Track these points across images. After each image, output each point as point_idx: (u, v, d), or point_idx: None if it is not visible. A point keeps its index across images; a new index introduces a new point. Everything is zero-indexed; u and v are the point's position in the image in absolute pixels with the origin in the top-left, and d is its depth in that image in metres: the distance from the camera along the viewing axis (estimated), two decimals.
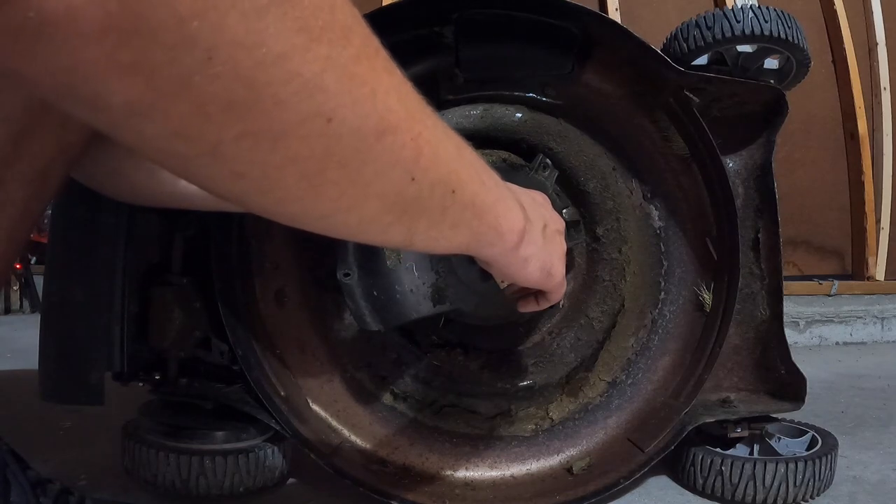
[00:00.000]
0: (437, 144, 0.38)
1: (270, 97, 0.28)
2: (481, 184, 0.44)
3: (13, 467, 0.51)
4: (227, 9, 0.26)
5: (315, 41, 0.29)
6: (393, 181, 0.35)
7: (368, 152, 0.33)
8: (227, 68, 0.26)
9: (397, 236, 0.39)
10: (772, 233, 0.85)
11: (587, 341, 0.89)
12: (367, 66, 0.32)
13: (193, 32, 0.25)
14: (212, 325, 0.81)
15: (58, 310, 0.72)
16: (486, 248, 0.48)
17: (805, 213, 2.22)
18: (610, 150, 0.86)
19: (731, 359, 0.87)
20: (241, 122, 0.28)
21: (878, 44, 2.29)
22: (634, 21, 2.12)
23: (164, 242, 0.81)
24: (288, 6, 0.27)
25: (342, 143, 0.32)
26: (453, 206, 0.41)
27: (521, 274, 0.54)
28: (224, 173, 0.31)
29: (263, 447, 0.81)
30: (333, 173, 0.32)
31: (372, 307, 0.66)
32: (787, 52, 0.82)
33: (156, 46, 0.25)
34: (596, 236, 0.87)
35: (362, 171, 0.33)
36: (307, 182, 0.32)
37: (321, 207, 0.34)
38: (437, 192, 0.39)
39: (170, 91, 0.26)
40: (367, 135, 0.32)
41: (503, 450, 0.86)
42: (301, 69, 0.29)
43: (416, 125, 0.36)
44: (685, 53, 0.82)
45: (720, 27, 0.79)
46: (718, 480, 0.80)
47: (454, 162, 0.40)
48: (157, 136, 0.28)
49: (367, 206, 0.36)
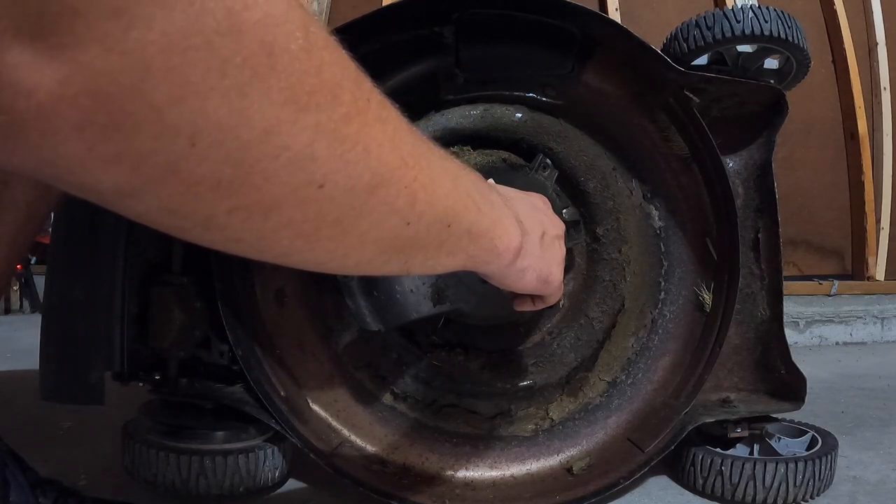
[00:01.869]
0: (432, 185, 0.37)
1: (259, 173, 0.28)
2: (477, 211, 0.44)
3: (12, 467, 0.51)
4: (207, 92, 0.25)
5: (303, 111, 0.28)
6: (388, 228, 0.35)
7: (363, 207, 0.33)
8: (212, 151, 0.26)
9: (394, 269, 0.39)
10: (772, 233, 0.85)
11: (587, 341, 0.89)
12: (359, 123, 0.31)
13: (174, 120, 0.24)
14: (212, 325, 0.81)
15: (58, 310, 0.72)
16: (483, 267, 0.49)
17: (805, 213, 2.22)
18: (610, 150, 0.86)
19: (731, 359, 0.87)
20: (231, 198, 0.28)
21: (878, 44, 2.29)
22: (634, 21, 2.12)
23: (164, 242, 0.81)
24: (272, 79, 0.26)
25: (335, 204, 0.31)
26: (449, 239, 0.41)
27: (518, 284, 0.55)
28: (220, 239, 0.31)
29: (263, 447, 0.81)
30: (328, 230, 0.32)
31: (372, 307, 0.66)
32: (787, 52, 0.82)
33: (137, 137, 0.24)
34: (596, 236, 0.87)
35: (357, 225, 0.33)
36: (303, 240, 0.32)
37: (319, 258, 0.34)
38: (433, 230, 0.39)
39: (157, 176, 0.26)
40: (360, 192, 0.32)
41: (503, 450, 0.86)
42: (289, 142, 0.28)
43: (410, 171, 0.35)
44: (685, 53, 0.82)
45: (720, 27, 0.79)
46: (718, 480, 0.80)
47: (450, 197, 0.40)
48: (150, 212, 0.28)
49: (364, 252, 0.36)
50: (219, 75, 0.25)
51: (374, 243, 0.35)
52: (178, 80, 0.24)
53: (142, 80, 0.23)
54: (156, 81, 0.23)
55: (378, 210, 0.34)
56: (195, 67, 0.24)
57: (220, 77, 0.25)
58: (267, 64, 0.26)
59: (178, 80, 0.24)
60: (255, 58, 0.25)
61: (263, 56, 0.26)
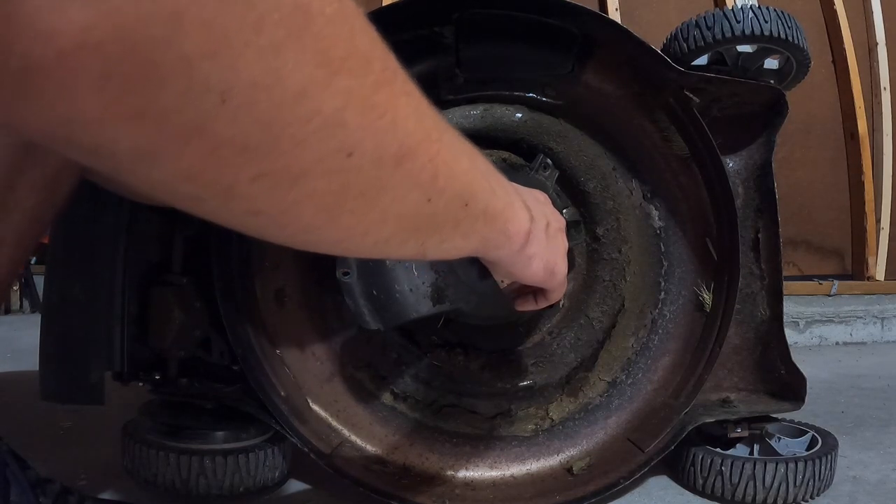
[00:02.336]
0: (452, 161, 0.37)
1: (289, 138, 0.27)
2: (491, 192, 0.43)
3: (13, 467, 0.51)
4: (242, 47, 0.23)
5: (335, 74, 0.27)
6: (410, 204, 0.35)
7: (388, 180, 0.32)
8: (242, 111, 0.25)
9: (410, 251, 0.39)
10: (772, 233, 0.85)
11: (587, 341, 0.89)
12: (387, 93, 0.31)
13: (204, 75, 0.23)
14: (212, 325, 0.81)
15: (58, 309, 0.72)
16: (493, 252, 0.48)
17: (805, 213, 2.22)
18: (610, 151, 0.86)
19: (732, 359, 0.87)
20: (257, 163, 0.27)
21: (878, 44, 2.29)
22: (634, 21, 2.12)
23: (164, 242, 0.81)
24: (307, 39, 0.26)
25: (362, 175, 0.31)
26: (466, 219, 0.41)
27: (525, 273, 0.54)
28: (238, 212, 0.29)
29: (263, 447, 0.81)
30: (351, 203, 0.32)
31: (371, 306, 0.66)
32: (787, 53, 0.82)
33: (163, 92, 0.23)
34: (596, 236, 0.87)
35: (380, 199, 0.33)
36: (325, 214, 0.31)
37: (337, 235, 0.34)
38: (451, 208, 0.39)
39: (181, 136, 0.24)
40: (387, 163, 0.32)
41: (503, 450, 0.86)
42: (321, 106, 0.27)
43: (433, 145, 0.35)
44: (685, 53, 0.82)
45: (720, 27, 0.79)
46: (718, 480, 0.80)
47: (467, 175, 0.40)
48: (166, 180, 0.26)
49: (384, 230, 0.35)
50: (254, 31, 0.24)
51: (395, 220, 0.35)
52: (211, 33, 0.22)
53: (173, 30, 0.22)
54: (188, 32, 0.22)
55: (402, 184, 0.33)
56: (231, 20, 0.23)
57: (255, 33, 0.24)
58: (302, 24, 0.25)
59: (212, 32, 0.22)
60: (292, 17, 0.25)
61: (300, 16, 0.25)
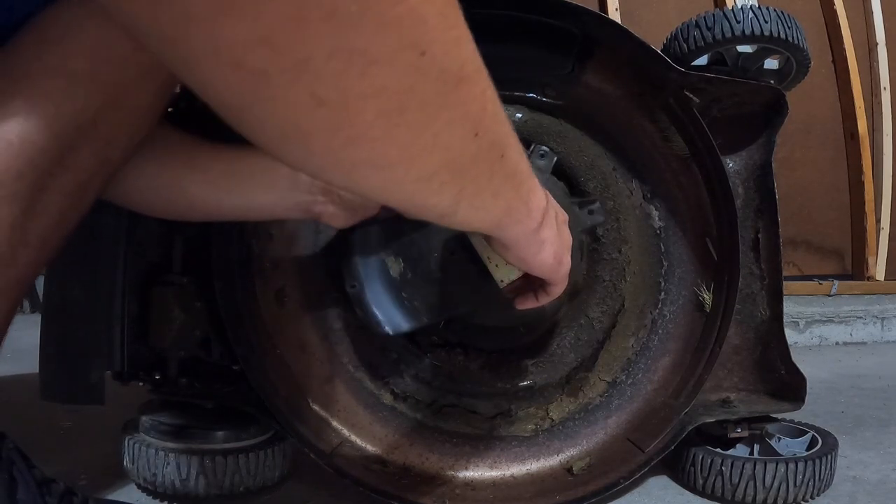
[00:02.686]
0: (496, 104, 0.37)
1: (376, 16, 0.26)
2: (521, 154, 0.44)
3: (20, 465, 0.51)
4: None
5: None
6: (459, 135, 0.35)
7: (447, 97, 0.32)
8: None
9: (444, 201, 0.39)
10: (772, 233, 0.85)
11: (587, 341, 0.89)
12: (455, 12, 0.31)
13: None
14: (212, 325, 0.81)
15: (58, 309, 0.72)
16: (513, 227, 0.49)
17: (805, 213, 2.22)
18: (610, 151, 0.86)
19: (731, 359, 0.87)
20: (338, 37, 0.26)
21: (878, 44, 2.29)
22: (634, 22, 2.12)
23: (164, 242, 0.81)
24: None
25: (427, 82, 0.30)
26: (499, 172, 0.41)
27: (536, 258, 0.54)
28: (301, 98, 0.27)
29: (263, 447, 0.81)
30: (411, 115, 0.31)
31: (382, 313, 0.67)
32: (787, 53, 0.82)
33: None
34: (596, 236, 0.87)
35: (437, 118, 0.33)
36: (385, 120, 0.30)
37: (388, 155, 0.33)
38: (491, 155, 0.39)
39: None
40: (449, 78, 0.32)
41: (503, 450, 0.86)
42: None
43: (484, 80, 0.35)
44: (685, 54, 0.82)
45: (720, 27, 0.79)
46: (719, 480, 0.80)
47: (505, 126, 0.40)
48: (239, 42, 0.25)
49: (430, 160, 0.35)
50: None
51: (443, 151, 0.35)
52: None
53: None
54: None
55: (457, 108, 0.33)
56: None
57: None
58: None
59: None
60: None
61: None
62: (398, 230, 0.69)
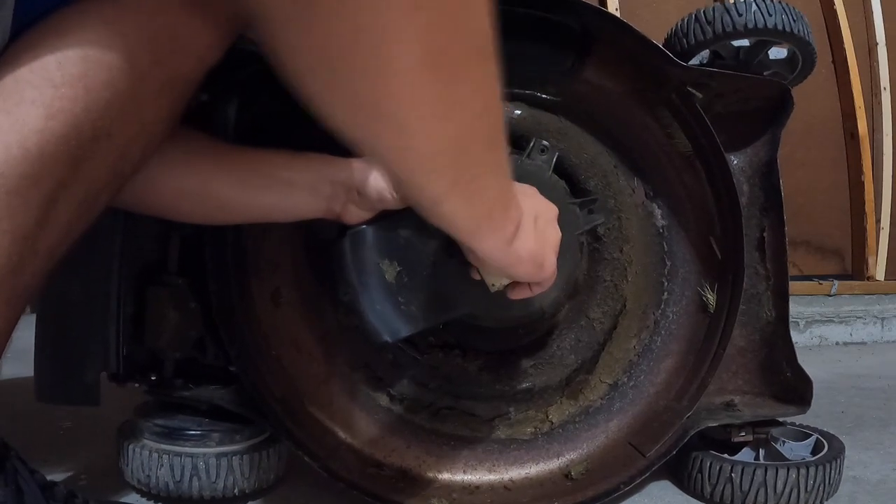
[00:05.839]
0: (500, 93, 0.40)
1: None
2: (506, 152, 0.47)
3: (24, 474, 0.52)
4: None
5: None
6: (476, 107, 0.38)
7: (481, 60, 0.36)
8: None
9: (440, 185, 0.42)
10: (777, 232, 0.84)
11: (588, 343, 0.87)
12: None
13: None
14: (207, 326, 0.80)
15: (54, 310, 0.72)
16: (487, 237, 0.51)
17: (805, 213, 2.22)
18: (611, 148, 0.85)
19: (736, 361, 0.86)
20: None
21: (878, 44, 2.30)
22: (635, 20, 2.10)
23: (160, 242, 0.80)
24: None
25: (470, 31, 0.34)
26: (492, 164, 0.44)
27: (514, 269, 0.58)
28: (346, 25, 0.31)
29: (258, 449, 0.79)
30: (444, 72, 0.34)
31: (379, 320, 0.66)
32: (793, 46, 0.81)
33: None
34: (597, 235, 0.86)
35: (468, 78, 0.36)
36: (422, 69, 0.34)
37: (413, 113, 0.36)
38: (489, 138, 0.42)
39: None
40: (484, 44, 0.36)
41: (501, 453, 0.85)
42: None
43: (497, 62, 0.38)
44: (686, 49, 0.81)
45: (721, 22, 0.78)
46: (728, 487, 0.78)
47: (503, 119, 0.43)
48: None
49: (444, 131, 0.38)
50: None
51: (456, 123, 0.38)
52: None
53: None
54: None
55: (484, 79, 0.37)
56: None
57: None
58: None
59: None
60: None
61: None
62: (392, 234, 0.68)
